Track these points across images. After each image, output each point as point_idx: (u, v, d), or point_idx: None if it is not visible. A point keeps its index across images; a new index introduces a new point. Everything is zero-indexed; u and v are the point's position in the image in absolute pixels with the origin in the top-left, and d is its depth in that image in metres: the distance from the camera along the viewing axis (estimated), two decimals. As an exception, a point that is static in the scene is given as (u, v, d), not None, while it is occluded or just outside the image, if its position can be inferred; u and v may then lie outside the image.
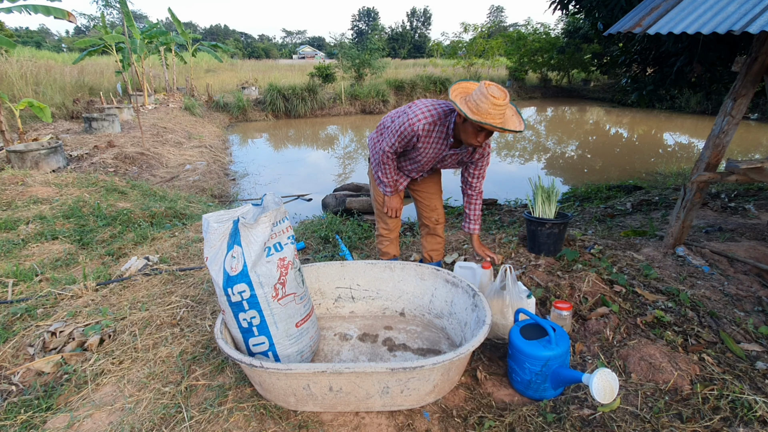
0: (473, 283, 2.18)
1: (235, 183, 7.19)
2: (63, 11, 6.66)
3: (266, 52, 63.17)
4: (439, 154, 2.09)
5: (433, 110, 1.96)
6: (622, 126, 13.80)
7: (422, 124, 1.95)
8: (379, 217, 2.46)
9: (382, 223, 2.44)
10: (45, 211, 3.93)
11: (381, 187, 2.30)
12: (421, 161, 2.17)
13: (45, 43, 39.24)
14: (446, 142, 2.02)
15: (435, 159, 2.14)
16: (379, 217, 2.46)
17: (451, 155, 2.12)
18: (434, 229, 2.49)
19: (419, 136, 1.98)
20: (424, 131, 1.97)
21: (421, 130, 1.96)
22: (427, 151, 2.08)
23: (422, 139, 2.00)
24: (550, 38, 21.55)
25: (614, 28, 2.42)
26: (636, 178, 7.02)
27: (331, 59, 24.46)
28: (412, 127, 1.96)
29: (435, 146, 2.04)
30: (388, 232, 2.45)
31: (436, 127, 1.97)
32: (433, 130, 1.98)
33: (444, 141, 2.01)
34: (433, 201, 2.44)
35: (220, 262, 1.57)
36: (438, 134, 1.99)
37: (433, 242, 2.53)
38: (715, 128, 2.64)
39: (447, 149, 2.06)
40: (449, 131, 1.97)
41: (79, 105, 10.78)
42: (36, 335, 2.10)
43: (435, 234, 2.51)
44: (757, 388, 1.67)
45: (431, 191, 2.43)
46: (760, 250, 2.82)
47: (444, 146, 2.04)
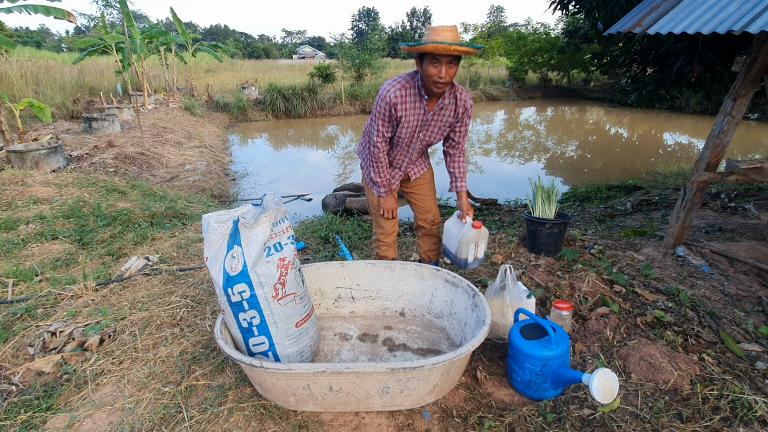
0: (457, 236, 2.22)
1: (235, 183, 7.19)
2: (63, 11, 6.66)
3: (266, 52, 63.18)
4: (420, 119, 2.07)
5: (399, 78, 2.04)
6: (622, 126, 13.80)
7: (393, 91, 2.00)
8: (375, 222, 2.46)
9: (378, 228, 2.44)
10: (45, 211, 3.93)
11: (374, 189, 2.30)
12: (407, 137, 2.14)
13: (45, 43, 39.27)
14: (422, 102, 2.02)
15: (418, 128, 2.11)
16: (375, 222, 2.46)
17: (434, 120, 2.10)
18: (430, 230, 2.49)
19: (395, 104, 2.00)
20: (398, 97, 2.00)
21: (394, 97, 2.00)
22: (409, 120, 2.06)
23: (399, 106, 2.01)
24: (550, 38, 21.57)
25: (614, 28, 2.42)
26: (636, 178, 7.02)
27: (331, 59, 24.47)
28: (385, 99, 2.00)
29: (413, 110, 2.04)
30: (385, 236, 2.43)
31: (407, 90, 2.01)
32: (406, 94, 2.01)
33: (419, 100, 2.02)
34: (427, 202, 2.44)
35: (220, 262, 1.57)
36: (412, 97, 2.02)
37: (430, 243, 2.52)
38: (715, 128, 2.64)
39: (426, 111, 2.04)
40: (420, 89, 1.99)
41: (79, 105, 10.78)
42: (36, 335, 2.10)
43: (431, 234, 2.51)
44: (757, 388, 1.67)
45: (424, 192, 2.43)
46: (760, 250, 2.82)
47: (421, 107, 2.03)
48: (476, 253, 2.26)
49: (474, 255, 2.26)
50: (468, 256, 2.24)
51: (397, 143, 2.19)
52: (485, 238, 2.25)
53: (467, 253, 2.23)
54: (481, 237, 2.22)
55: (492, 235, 3.27)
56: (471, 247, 2.22)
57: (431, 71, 1.87)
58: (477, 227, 2.18)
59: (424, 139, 2.19)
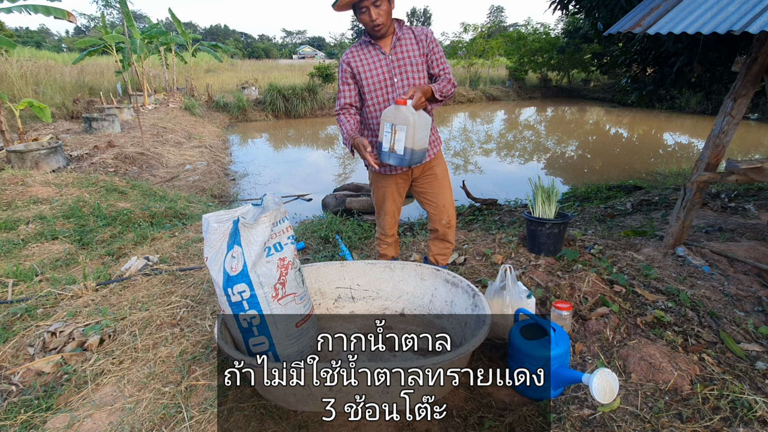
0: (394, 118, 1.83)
1: (235, 183, 7.19)
2: (63, 11, 6.66)
3: (266, 52, 63.16)
4: (384, 65, 2.01)
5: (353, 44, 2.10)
6: (622, 126, 13.80)
7: (346, 53, 2.06)
8: (377, 221, 2.43)
9: (379, 227, 2.43)
10: (45, 211, 3.93)
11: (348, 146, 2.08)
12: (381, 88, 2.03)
13: (45, 43, 39.23)
14: (375, 48, 2.02)
15: (389, 73, 2.01)
16: (377, 221, 2.43)
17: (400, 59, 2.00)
18: (444, 233, 2.29)
19: (349, 62, 2.03)
20: (351, 54, 2.05)
21: (348, 56, 2.05)
22: (371, 70, 2.02)
23: (353, 62, 2.03)
24: (550, 38, 21.57)
25: (614, 28, 2.42)
26: (636, 178, 7.02)
27: (331, 59, 24.47)
28: (342, 63, 2.05)
29: (371, 60, 2.02)
30: (385, 237, 2.41)
31: (359, 48, 2.05)
32: (359, 50, 2.05)
33: (373, 49, 2.02)
34: (441, 198, 2.21)
35: (220, 262, 1.57)
36: (365, 51, 2.04)
37: (441, 247, 2.36)
38: (715, 128, 2.64)
39: (384, 54, 2.00)
40: (371, 42, 2.03)
41: (79, 105, 10.78)
42: (36, 335, 2.10)
43: (444, 239, 2.32)
44: (757, 388, 1.67)
45: (436, 190, 2.22)
46: (760, 250, 2.82)
47: (377, 53, 2.01)
48: (393, 141, 1.82)
49: (390, 143, 1.83)
50: (383, 139, 1.85)
51: (374, 101, 2.05)
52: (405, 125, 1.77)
53: (382, 136, 1.85)
54: (399, 120, 1.78)
55: (492, 235, 3.27)
56: (387, 128, 1.82)
57: (364, 20, 1.90)
58: (399, 103, 1.77)
59: (403, 84, 2.02)
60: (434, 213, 2.28)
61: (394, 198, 2.29)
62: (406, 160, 1.86)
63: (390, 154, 1.87)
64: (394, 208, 2.33)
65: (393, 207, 2.32)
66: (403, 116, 1.78)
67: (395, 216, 2.37)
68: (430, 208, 2.29)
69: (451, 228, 2.31)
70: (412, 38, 2.03)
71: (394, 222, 2.39)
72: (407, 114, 1.77)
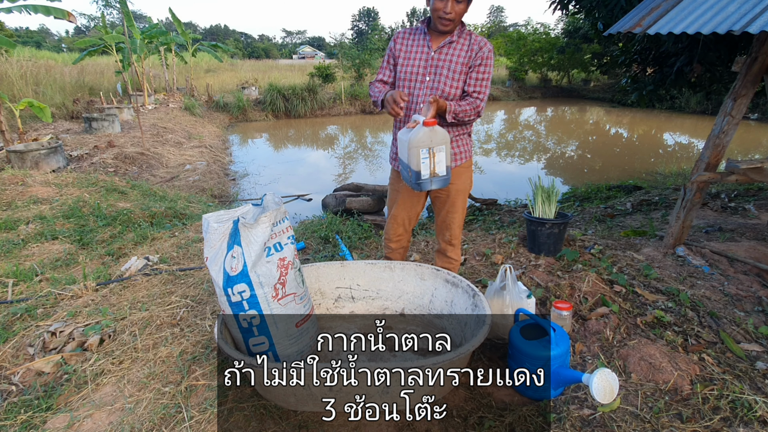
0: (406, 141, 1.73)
1: (235, 183, 7.20)
2: (63, 11, 6.65)
3: (266, 52, 63.15)
4: (424, 57, 1.95)
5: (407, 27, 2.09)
6: (622, 126, 13.80)
7: (396, 32, 2.05)
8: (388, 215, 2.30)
9: (384, 230, 2.34)
10: (45, 211, 3.93)
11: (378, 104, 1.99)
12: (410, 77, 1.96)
13: (45, 43, 39.26)
14: (425, 39, 1.97)
15: (424, 68, 1.94)
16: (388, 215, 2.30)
17: (442, 61, 1.92)
18: (444, 248, 2.24)
19: (395, 40, 2.03)
20: (399, 35, 2.03)
21: (396, 36, 2.04)
22: (409, 56, 1.97)
23: (398, 43, 2.01)
24: (550, 38, 21.58)
25: (614, 28, 2.42)
26: (636, 178, 7.02)
27: (331, 59, 24.46)
28: (390, 41, 2.05)
29: (415, 47, 1.98)
30: (388, 241, 2.28)
31: (410, 31, 2.04)
32: (409, 33, 2.03)
33: (423, 38, 1.98)
34: (445, 215, 2.14)
35: (220, 262, 1.57)
36: (415, 36, 2.01)
37: (444, 261, 2.27)
38: (715, 128, 2.64)
39: (430, 48, 1.95)
40: (425, 31, 1.99)
41: (79, 105, 10.78)
42: (36, 335, 2.10)
43: (444, 254, 2.25)
44: (757, 388, 1.67)
45: (446, 206, 2.12)
46: (760, 250, 2.82)
47: (424, 44, 1.96)
48: (433, 165, 1.72)
49: (431, 168, 1.72)
50: (421, 167, 1.71)
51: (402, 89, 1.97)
52: (444, 143, 1.70)
53: (419, 164, 1.70)
54: (436, 141, 1.68)
55: (492, 235, 3.27)
56: (423, 154, 1.70)
57: (437, 5, 1.82)
58: (429, 124, 1.66)
59: (433, 86, 1.93)
60: (438, 225, 2.23)
61: (405, 205, 2.17)
62: (448, 179, 1.78)
63: (432, 180, 1.74)
64: (403, 216, 2.20)
65: (403, 214, 2.20)
66: (440, 136, 1.68)
67: (405, 225, 2.23)
68: (437, 219, 2.23)
69: (453, 246, 2.22)
70: (465, 45, 1.93)
71: (401, 231, 2.25)
72: (444, 132, 1.69)
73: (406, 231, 2.26)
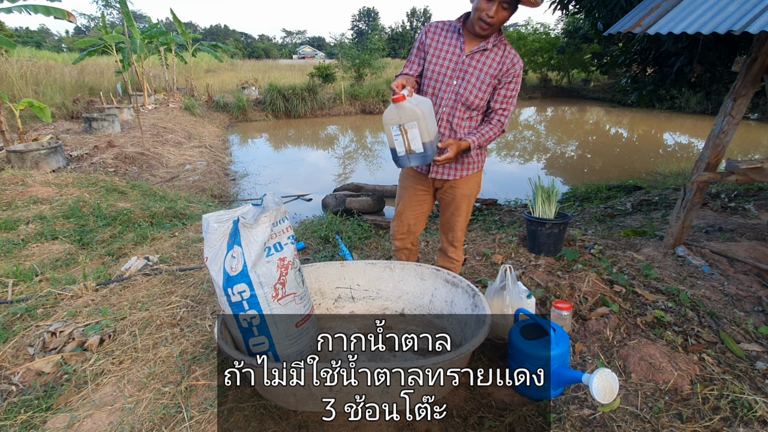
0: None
1: (235, 183, 7.20)
2: (63, 11, 6.65)
3: (266, 52, 63.17)
4: (455, 60, 1.87)
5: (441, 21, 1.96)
6: (622, 126, 13.81)
7: (429, 24, 1.93)
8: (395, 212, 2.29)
9: (390, 228, 2.33)
10: (45, 211, 3.93)
11: None
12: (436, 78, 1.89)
13: (45, 43, 39.26)
14: (458, 40, 1.87)
15: (453, 71, 1.87)
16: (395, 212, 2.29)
17: (473, 67, 1.86)
18: (446, 248, 2.25)
19: (427, 32, 1.92)
20: (431, 27, 1.92)
21: (429, 27, 1.92)
22: (440, 55, 1.88)
23: (429, 37, 1.91)
24: (550, 38, 21.58)
25: (614, 28, 2.42)
26: (636, 178, 7.02)
27: (331, 59, 24.47)
28: (421, 32, 1.93)
29: (446, 45, 1.89)
30: (393, 240, 2.30)
31: (444, 27, 1.92)
32: (443, 28, 1.92)
33: (456, 38, 1.88)
34: (453, 218, 2.14)
35: (220, 262, 1.57)
36: (448, 33, 1.90)
37: (446, 261, 2.28)
38: (715, 128, 2.64)
39: (462, 51, 1.86)
40: (460, 30, 1.88)
41: (79, 105, 10.78)
42: (36, 335, 2.10)
43: (446, 254, 2.27)
44: (757, 388, 1.67)
45: (450, 208, 2.12)
46: (760, 250, 2.82)
47: (457, 45, 1.88)
48: (407, 142, 1.70)
49: (405, 145, 1.70)
50: (395, 144, 1.71)
51: (427, 88, 1.93)
52: (414, 120, 1.64)
53: (393, 141, 1.71)
54: (405, 117, 1.64)
55: (492, 235, 3.27)
56: (395, 131, 1.68)
57: (482, 5, 1.72)
58: (397, 101, 1.62)
59: (458, 91, 1.87)
60: (442, 225, 2.23)
61: (411, 203, 2.16)
62: (430, 156, 1.73)
63: (409, 157, 1.74)
64: (408, 213, 2.18)
65: (407, 212, 2.18)
66: (408, 113, 1.63)
67: (409, 224, 2.22)
68: (441, 218, 2.23)
69: (455, 247, 2.22)
70: (497, 56, 1.86)
71: (405, 229, 2.24)
72: (412, 108, 1.63)
73: (410, 232, 2.25)
